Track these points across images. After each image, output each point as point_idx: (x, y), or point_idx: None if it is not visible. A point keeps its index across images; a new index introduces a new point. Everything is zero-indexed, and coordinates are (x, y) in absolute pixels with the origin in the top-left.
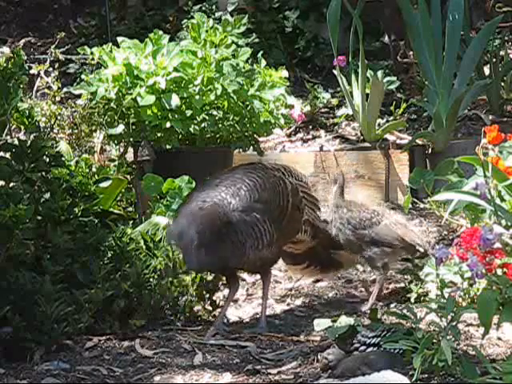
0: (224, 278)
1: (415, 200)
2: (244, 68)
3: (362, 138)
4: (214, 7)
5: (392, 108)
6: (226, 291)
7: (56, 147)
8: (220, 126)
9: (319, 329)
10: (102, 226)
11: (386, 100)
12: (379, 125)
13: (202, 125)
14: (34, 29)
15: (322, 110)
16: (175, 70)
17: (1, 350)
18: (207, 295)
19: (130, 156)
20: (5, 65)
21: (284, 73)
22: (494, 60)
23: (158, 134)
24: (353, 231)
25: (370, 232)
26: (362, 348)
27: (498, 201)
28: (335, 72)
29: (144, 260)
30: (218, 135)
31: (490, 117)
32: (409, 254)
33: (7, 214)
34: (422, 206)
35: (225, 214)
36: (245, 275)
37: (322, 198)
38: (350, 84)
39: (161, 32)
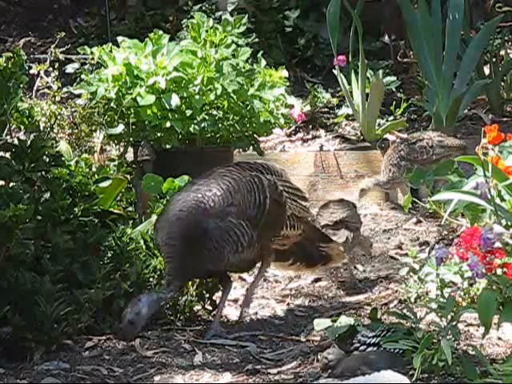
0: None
1: (415, 200)
2: (244, 68)
3: (361, 137)
4: (213, 7)
5: (392, 108)
6: None
7: (56, 147)
8: (220, 125)
9: (319, 329)
10: (102, 225)
11: (385, 100)
12: (379, 125)
13: (202, 125)
14: (34, 29)
15: (322, 110)
16: (175, 69)
17: (1, 350)
18: (207, 295)
19: (130, 156)
20: (5, 65)
21: (284, 73)
22: (494, 60)
23: (158, 134)
24: None
25: None
26: (362, 348)
27: (497, 200)
28: (335, 72)
29: (144, 260)
30: (218, 135)
31: (490, 117)
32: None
33: (7, 214)
34: (421, 205)
35: (199, 222)
36: (245, 275)
37: (322, 197)
38: (350, 84)
39: (161, 32)
